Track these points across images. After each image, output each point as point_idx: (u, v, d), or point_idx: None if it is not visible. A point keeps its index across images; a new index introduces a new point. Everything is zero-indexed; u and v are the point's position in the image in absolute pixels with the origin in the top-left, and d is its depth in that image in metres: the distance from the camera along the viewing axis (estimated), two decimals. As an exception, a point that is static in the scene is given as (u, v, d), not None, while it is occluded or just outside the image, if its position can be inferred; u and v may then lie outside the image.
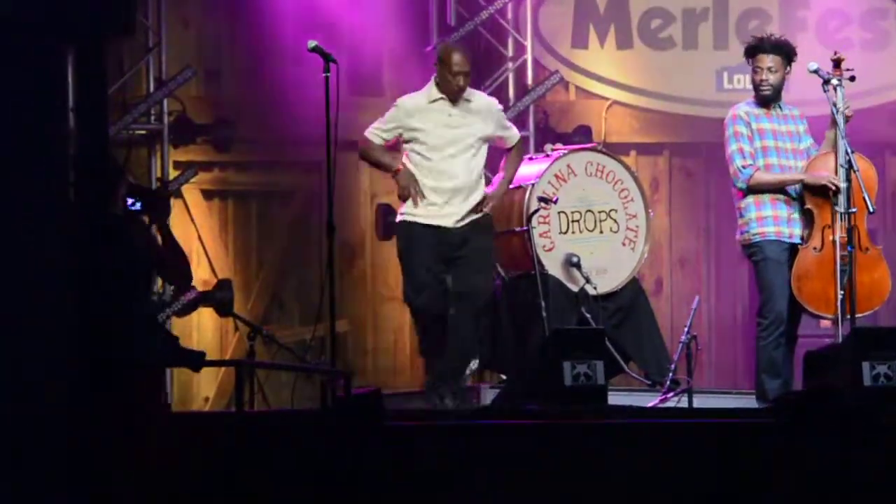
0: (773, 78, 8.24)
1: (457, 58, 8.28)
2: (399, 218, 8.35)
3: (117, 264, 4.50)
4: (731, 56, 10.45)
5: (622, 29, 10.73)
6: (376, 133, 8.34)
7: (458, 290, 8.26)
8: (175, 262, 7.45)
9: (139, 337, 6.54)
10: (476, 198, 8.30)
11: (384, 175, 8.80)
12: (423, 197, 8.23)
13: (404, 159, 8.31)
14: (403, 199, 8.29)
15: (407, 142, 8.30)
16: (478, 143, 8.32)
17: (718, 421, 6.59)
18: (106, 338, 4.27)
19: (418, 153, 8.28)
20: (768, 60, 8.25)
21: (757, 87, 8.29)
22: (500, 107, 8.60)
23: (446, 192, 8.25)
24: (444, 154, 8.26)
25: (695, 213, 10.76)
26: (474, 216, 8.29)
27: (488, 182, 8.67)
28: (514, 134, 8.53)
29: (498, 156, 8.69)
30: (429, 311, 8.27)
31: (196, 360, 7.43)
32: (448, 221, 8.26)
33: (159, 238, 7.41)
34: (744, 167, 8.20)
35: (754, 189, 8.21)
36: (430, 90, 8.35)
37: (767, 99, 8.26)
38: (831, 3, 10.74)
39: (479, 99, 8.47)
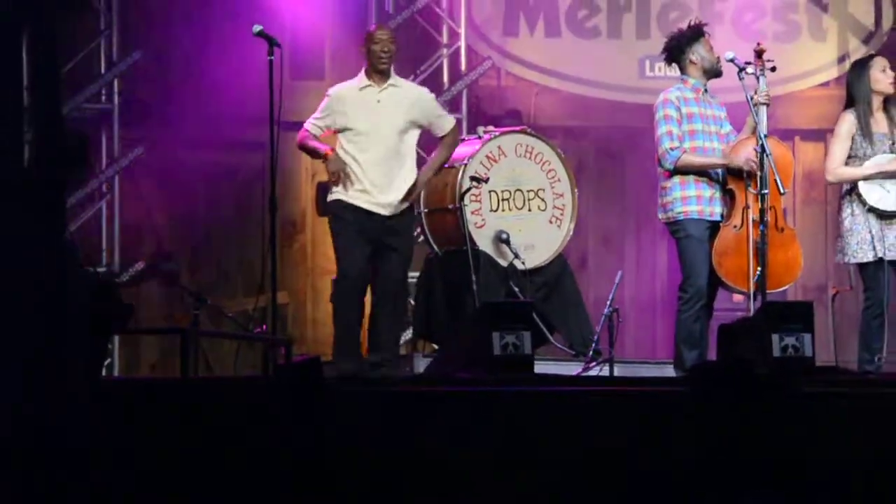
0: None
1: (379, 31, 8.27)
2: (330, 197, 8.27)
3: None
4: (653, 45, 10.45)
5: (551, 18, 10.73)
6: (314, 124, 8.28)
7: (385, 287, 8.29)
8: None
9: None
10: (404, 183, 8.25)
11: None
12: (352, 183, 8.19)
13: (338, 147, 8.26)
14: (333, 183, 8.23)
15: (340, 130, 8.25)
16: (406, 129, 8.26)
17: (638, 389, 6.61)
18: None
19: (349, 140, 8.23)
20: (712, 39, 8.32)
21: (716, 63, 8.26)
22: (432, 95, 8.51)
23: (375, 178, 8.20)
24: (372, 139, 8.19)
25: (618, 192, 10.79)
26: (403, 205, 8.26)
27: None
28: (446, 123, 8.44)
29: (434, 141, 8.66)
30: (354, 278, 8.18)
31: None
32: (376, 208, 8.21)
33: None
34: (672, 149, 8.19)
35: (680, 170, 8.21)
36: (360, 77, 8.29)
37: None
38: (747, -4, 10.80)
39: (409, 87, 8.42)
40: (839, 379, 7.22)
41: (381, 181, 8.19)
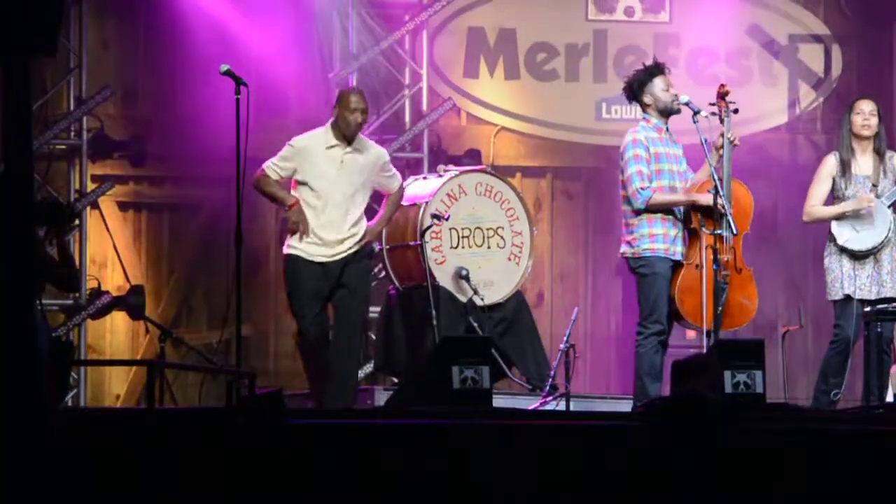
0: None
1: (354, 98, 8.28)
2: (285, 250, 8.35)
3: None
4: (609, 88, 10.51)
5: (510, 61, 10.76)
6: (273, 168, 8.30)
7: (338, 325, 8.30)
8: (64, 271, 7.53)
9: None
10: (356, 236, 8.29)
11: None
12: (307, 234, 8.21)
13: (295, 193, 8.29)
14: (291, 233, 8.27)
15: (300, 182, 8.27)
16: (363, 188, 8.32)
17: (593, 423, 6.60)
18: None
19: (308, 192, 8.26)
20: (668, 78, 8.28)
21: (672, 102, 8.21)
22: (388, 157, 8.56)
23: (330, 233, 8.25)
24: (331, 198, 8.24)
25: (574, 231, 10.79)
26: (352, 250, 8.29)
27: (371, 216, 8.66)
28: (395, 183, 8.52)
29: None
30: (313, 336, 8.28)
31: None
32: (327, 259, 8.27)
33: (55, 248, 7.49)
34: (642, 189, 8.06)
35: (649, 208, 8.14)
36: (327, 134, 8.29)
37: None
38: (700, 42, 10.84)
39: (370, 149, 8.43)
40: (790, 415, 7.22)
41: (333, 234, 8.25)
